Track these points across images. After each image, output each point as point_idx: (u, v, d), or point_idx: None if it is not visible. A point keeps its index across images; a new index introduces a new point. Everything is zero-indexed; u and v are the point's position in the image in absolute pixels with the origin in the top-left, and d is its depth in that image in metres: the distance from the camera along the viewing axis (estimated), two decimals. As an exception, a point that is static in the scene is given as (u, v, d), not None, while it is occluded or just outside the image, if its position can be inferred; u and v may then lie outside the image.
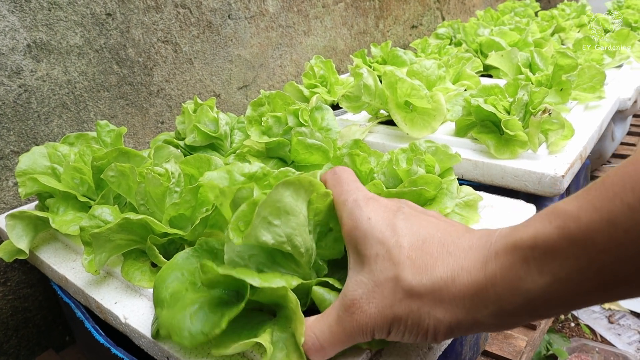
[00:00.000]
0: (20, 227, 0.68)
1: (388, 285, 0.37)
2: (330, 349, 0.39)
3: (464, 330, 0.36)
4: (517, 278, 0.32)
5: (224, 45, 1.23)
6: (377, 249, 0.38)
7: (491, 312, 0.34)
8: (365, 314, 0.37)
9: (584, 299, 0.31)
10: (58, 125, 0.93)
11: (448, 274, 0.35)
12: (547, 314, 0.33)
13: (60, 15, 0.89)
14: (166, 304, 0.43)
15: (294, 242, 0.40)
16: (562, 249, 0.30)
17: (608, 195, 0.28)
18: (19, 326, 0.93)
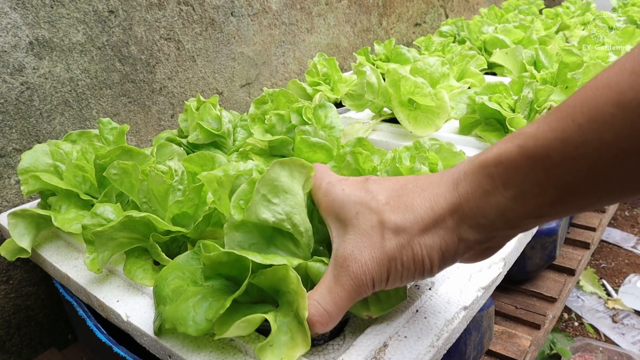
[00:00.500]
0: (23, 225, 0.68)
1: (375, 232, 0.39)
2: (334, 312, 0.40)
3: (453, 251, 0.38)
4: (486, 193, 0.36)
5: (227, 43, 1.23)
6: (356, 209, 0.40)
7: (470, 227, 0.37)
8: (360, 263, 0.39)
9: (548, 211, 0.34)
10: (60, 122, 0.92)
11: (426, 204, 0.38)
12: (521, 224, 0.36)
13: (62, 13, 0.89)
14: (169, 300, 0.43)
15: (293, 220, 0.41)
16: (522, 164, 0.34)
17: (562, 116, 0.32)
18: (22, 324, 0.92)
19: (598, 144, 0.30)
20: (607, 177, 0.31)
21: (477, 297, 0.53)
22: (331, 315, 0.40)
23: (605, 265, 1.64)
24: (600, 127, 0.29)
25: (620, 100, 0.29)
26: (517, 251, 0.63)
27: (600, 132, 0.29)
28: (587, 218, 1.21)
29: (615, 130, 0.29)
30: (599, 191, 0.32)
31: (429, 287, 0.53)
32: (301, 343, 0.38)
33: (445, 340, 0.48)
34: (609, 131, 0.29)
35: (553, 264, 1.02)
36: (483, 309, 0.69)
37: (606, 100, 0.29)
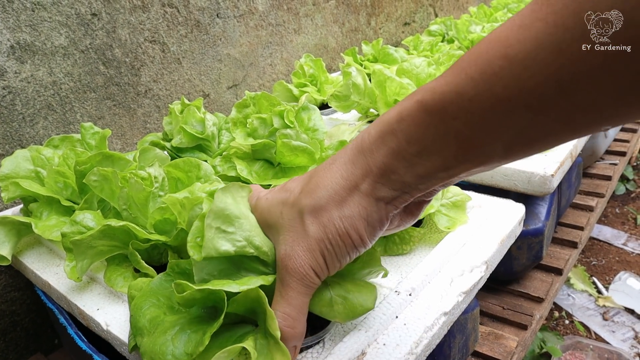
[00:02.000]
0: (3, 232, 0.67)
1: (297, 222, 0.39)
2: (293, 313, 0.39)
3: (377, 216, 0.38)
4: (392, 151, 0.35)
5: (213, 45, 1.22)
6: (279, 209, 0.40)
7: (384, 185, 0.37)
8: (294, 258, 0.39)
9: (455, 164, 0.34)
10: (44, 127, 0.92)
11: (336, 175, 0.38)
12: (433, 178, 0.36)
13: (44, 16, 0.88)
14: (146, 331, 0.42)
15: (254, 243, 0.41)
16: (422, 119, 0.34)
17: (457, 70, 0.32)
18: (7, 330, 0.92)
19: (489, 96, 0.30)
20: (502, 131, 0.31)
21: (458, 302, 0.53)
22: (292, 316, 0.39)
23: (595, 263, 1.65)
24: (491, 80, 0.30)
25: (508, 53, 0.29)
26: (500, 254, 0.63)
27: (491, 85, 0.30)
28: (575, 217, 1.21)
29: (504, 82, 0.29)
30: (497, 145, 0.32)
31: (409, 292, 0.53)
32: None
33: (424, 347, 0.47)
34: (498, 84, 0.30)
35: (541, 264, 1.02)
36: (467, 311, 0.69)
37: (495, 54, 0.30)
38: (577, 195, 1.33)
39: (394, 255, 0.63)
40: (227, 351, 0.38)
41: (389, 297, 0.53)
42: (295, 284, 0.39)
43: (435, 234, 0.66)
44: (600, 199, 1.32)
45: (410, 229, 0.64)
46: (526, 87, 0.29)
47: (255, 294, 0.39)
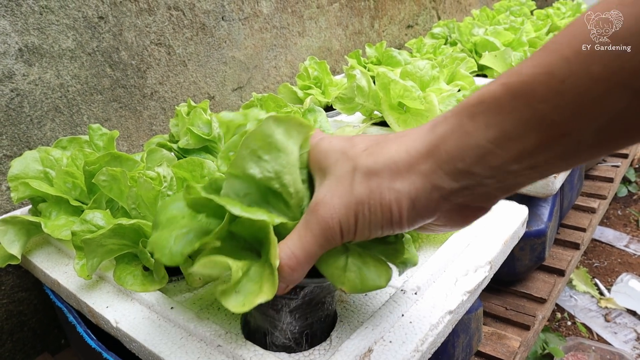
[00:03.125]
0: (13, 232, 0.68)
1: (347, 176, 0.37)
2: (302, 256, 0.38)
3: (425, 201, 0.36)
4: (466, 134, 0.33)
5: (218, 47, 1.23)
6: (336, 156, 0.39)
7: (446, 173, 0.34)
8: (328, 206, 0.37)
9: (532, 155, 0.32)
10: (51, 129, 0.93)
11: (402, 148, 0.36)
12: (502, 171, 0.33)
13: (52, 19, 0.89)
14: (160, 227, 0.42)
15: (282, 180, 0.40)
16: (506, 102, 0.31)
17: (548, 52, 0.30)
18: (14, 330, 0.93)
19: (585, 76, 0.28)
20: (595, 115, 0.29)
21: (463, 301, 0.53)
22: (299, 259, 0.38)
23: (598, 265, 1.65)
24: (588, 59, 0.28)
25: None
26: (504, 254, 0.63)
27: (588, 64, 0.28)
28: (577, 219, 1.22)
29: (604, 62, 0.28)
30: (588, 132, 0.30)
31: (414, 291, 0.54)
32: (267, 291, 0.37)
33: (430, 344, 0.48)
34: (597, 63, 0.28)
35: (543, 265, 1.02)
36: (471, 311, 0.70)
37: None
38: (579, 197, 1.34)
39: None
40: (213, 260, 0.37)
41: (395, 296, 0.53)
42: (317, 231, 0.38)
43: (440, 235, 0.66)
44: (602, 201, 1.33)
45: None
46: (628, 66, 0.27)
47: (264, 225, 0.38)
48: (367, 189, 0.36)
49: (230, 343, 0.48)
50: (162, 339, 0.52)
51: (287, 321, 0.46)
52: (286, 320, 0.46)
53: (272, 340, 0.48)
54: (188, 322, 0.52)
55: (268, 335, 0.48)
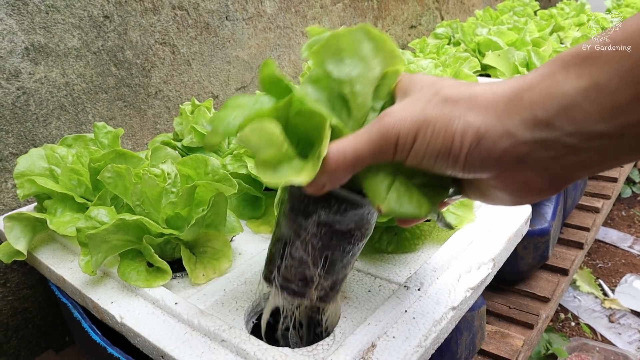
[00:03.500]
0: (19, 228, 0.69)
1: (425, 99, 0.36)
2: (350, 154, 0.37)
3: (491, 143, 0.33)
4: (555, 83, 0.31)
5: (222, 47, 1.23)
6: (423, 84, 0.38)
7: (523, 120, 0.32)
8: (394, 116, 0.36)
9: (622, 109, 0.29)
10: (56, 127, 0.93)
11: (487, 87, 0.35)
12: (585, 130, 0.30)
13: (57, 18, 0.90)
14: (225, 107, 0.41)
15: (354, 88, 0.39)
16: (605, 52, 0.29)
17: None
18: (19, 327, 0.93)
19: None
20: None
21: (466, 298, 0.54)
22: (346, 157, 0.37)
23: (602, 265, 1.65)
24: None
25: None
26: (507, 252, 0.64)
27: None
28: (581, 218, 1.22)
29: None
30: None
31: (417, 287, 0.54)
32: (304, 174, 0.36)
33: (433, 340, 0.48)
34: None
35: (546, 264, 1.02)
36: (474, 309, 0.70)
37: None
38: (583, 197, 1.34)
39: (406, 252, 0.64)
40: (262, 128, 0.36)
41: (398, 292, 0.54)
42: (374, 137, 0.36)
43: (443, 232, 0.67)
44: (606, 201, 1.33)
45: (421, 223, 0.65)
46: None
47: (320, 119, 0.37)
48: (438, 112, 0.35)
49: (235, 338, 0.49)
50: (166, 334, 0.52)
51: (313, 232, 0.44)
52: (312, 230, 0.44)
53: (290, 252, 0.45)
54: (192, 317, 0.53)
55: (288, 245, 0.45)
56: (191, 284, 0.62)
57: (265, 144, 0.36)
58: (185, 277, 0.64)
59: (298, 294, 0.45)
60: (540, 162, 0.33)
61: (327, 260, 0.44)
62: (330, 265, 0.45)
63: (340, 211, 0.42)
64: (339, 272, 0.46)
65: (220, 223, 0.66)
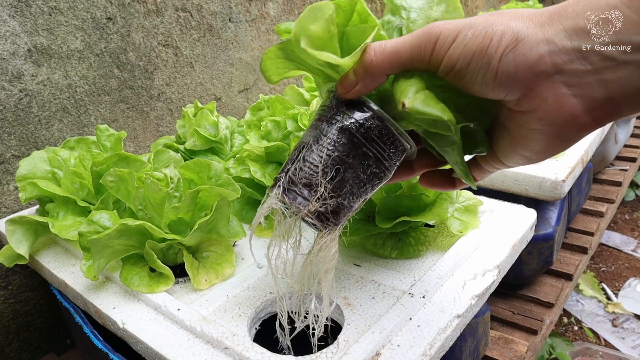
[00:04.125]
0: (20, 232, 0.68)
1: (474, 18, 0.36)
2: (389, 51, 0.37)
3: (529, 44, 0.32)
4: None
5: (225, 49, 1.23)
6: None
7: (564, 28, 0.31)
8: (440, 21, 0.36)
9: None
10: (59, 129, 0.93)
11: (531, 10, 0.34)
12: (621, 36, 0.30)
13: (60, 20, 0.89)
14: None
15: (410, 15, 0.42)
16: None
17: None
18: (20, 329, 0.93)
19: None
20: None
21: (471, 305, 0.53)
22: (385, 51, 0.37)
23: (605, 269, 1.64)
24: None
25: None
26: (512, 258, 0.63)
27: None
28: (585, 223, 1.21)
29: None
30: None
31: (422, 295, 0.54)
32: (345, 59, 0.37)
33: (438, 348, 0.48)
34: None
35: (550, 269, 1.02)
36: (478, 316, 0.69)
37: None
38: (587, 201, 1.33)
39: (410, 258, 0.63)
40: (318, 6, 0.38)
41: (402, 299, 0.53)
42: (416, 35, 0.36)
43: (447, 238, 0.66)
44: (610, 205, 1.32)
45: (425, 229, 0.65)
46: None
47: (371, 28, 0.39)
48: (484, 18, 0.35)
49: (238, 345, 0.48)
50: (168, 340, 0.52)
51: (332, 138, 0.41)
52: (332, 136, 0.41)
53: (304, 155, 0.42)
54: (195, 323, 0.52)
55: (305, 149, 0.42)
56: (194, 289, 0.62)
57: (316, 18, 0.37)
58: (187, 282, 0.63)
59: (298, 198, 0.41)
60: (577, 76, 0.32)
61: (338, 174, 0.41)
62: (339, 182, 0.41)
63: (365, 126, 0.41)
64: (346, 197, 0.42)
65: (223, 228, 0.65)
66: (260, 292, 0.60)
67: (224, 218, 0.65)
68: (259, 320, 0.58)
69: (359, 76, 0.38)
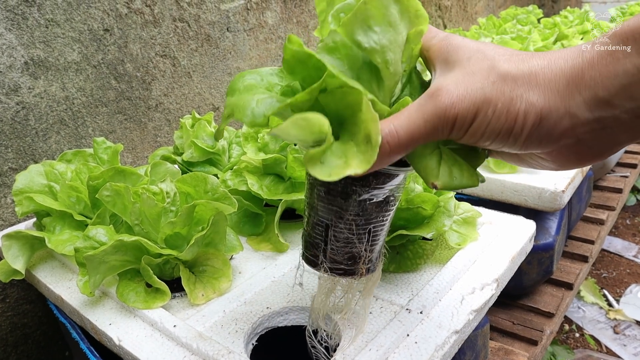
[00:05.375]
0: (17, 247, 0.68)
1: (481, 73, 0.35)
2: (405, 137, 0.35)
3: (553, 121, 0.33)
4: (615, 60, 0.31)
5: (223, 58, 1.23)
6: (470, 54, 0.37)
7: (585, 100, 0.32)
8: (452, 94, 0.35)
9: None
10: (56, 141, 0.93)
11: (544, 62, 0.34)
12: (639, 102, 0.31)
13: (57, 32, 0.89)
14: (237, 92, 0.40)
15: (386, 56, 0.37)
16: None
17: None
18: (19, 342, 0.92)
19: None
20: None
21: (469, 321, 0.53)
22: (400, 140, 0.35)
23: (606, 275, 1.64)
24: None
25: None
26: (511, 271, 0.63)
27: None
28: (586, 230, 1.21)
29: None
30: None
31: (420, 310, 0.53)
32: (356, 165, 0.34)
33: (435, 366, 0.47)
34: None
35: (551, 278, 1.01)
36: (477, 328, 0.69)
37: None
38: (587, 209, 1.33)
39: (408, 271, 0.63)
40: (306, 118, 0.34)
41: (400, 315, 0.53)
42: (430, 117, 0.35)
43: (446, 251, 0.66)
44: (611, 212, 1.32)
45: (423, 242, 0.64)
46: None
47: (356, 97, 0.35)
48: (499, 90, 0.34)
49: None
50: (164, 358, 0.51)
51: (355, 211, 0.43)
52: (354, 210, 0.43)
53: (334, 234, 0.44)
54: (191, 340, 0.52)
55: (331, 228, 0.44)
56: (190, 304, 0.61)
57: (312, 138, 0.35)
58: (184, 296, 0.63)
59: (348, 272, 0.45)
60: (595, 138, 0.33)
61: (371, 233, 0.44)
62: (374, 237, 0.45)
63: (380, 184, 0.42)
64: (381, 239, 0.46)
65: (220, 242, 0.65)
66: (257, 306, 0.59)
67: (221, 232, 0.65)
68: (255, 335, 0.57)
69: (376, 165, 0.36)
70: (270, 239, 0.73)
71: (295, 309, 0.59)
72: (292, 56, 0.38)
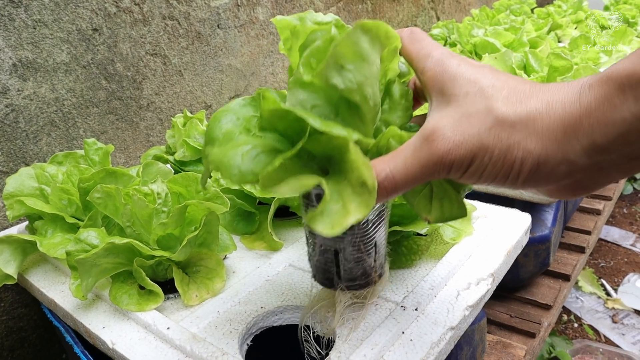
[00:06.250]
0: (8, 251, 0.67)
1: (478, 116, 0.35)
2: (402, 182, 0.36)
3: (550, 167, 0.34)
4: (612, 107, 0.31)
5: (214, 55, 1.22)
6: (467, 88, 0.36)
7: (583, 147, 0.32)
8: (447, 140, 0.35)
9: None
10: (47, 143, 0.92)
11: (542, 105, 0.34)
12: (635, 148, 0.31)
13: (45, 33, 0.88)
14: (218, 142, 0.39)
15: (364, 92, 0.37)
16: None
17: None
18: (14, 346, 0.92)
19: None
20: None
21: (465, 317, 0.52)
22: (397, 184, 0.36)
23: (604, 265, 1.64)
24: None
25: None
26: (507, 265, 0.62)
27: None
28: (582, 221, 1.20)
29: None
30: None
31: (415, 307, 0.53)
32: (355, 210, 0.34)
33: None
34: None
35: (548, 270, 1.01)
36: (474, 323, 0.68)
37: None
38: (584, 199, 1.33)
39: (402, 268, 0.62)
40: (300, 180, 0.34)
41: (394, 312, 0.52)
42: (426, 162, 0.35)
43: (441, 246, 0.65)
44: (608, 202, 1.32)
45: (418, 238, 0.64)
46: None
47: (343, 143, 0.35)
48: (496, 137, 0.34)
49: None
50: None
51: (360, 233, 0.44)
52: (359, 232, 0.44)
53: (345, 257, 0.45)
54: (184, 343, 0.51)
55: (340, 252, 0.45)
56: (184, 306, 0.61)
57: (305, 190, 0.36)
58: (178, 297, 0.62)
59: (363, 285, 0.47)
60: (590, 178, 0.34)
61: (377, 244, 0.46)
62: (380, 246, 0.47)
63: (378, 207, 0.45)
64: (385, 244, 0.48)
65: (213, 242, 0.65)
66: (252, 306, 0.59)
67: (214, 232, 0.64)
68: (250, 335, 0.57)
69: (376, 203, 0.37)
70: (264, 237, 0.72)
71: (289, 308, 0.58)
72: (270, 114, 0.38)
